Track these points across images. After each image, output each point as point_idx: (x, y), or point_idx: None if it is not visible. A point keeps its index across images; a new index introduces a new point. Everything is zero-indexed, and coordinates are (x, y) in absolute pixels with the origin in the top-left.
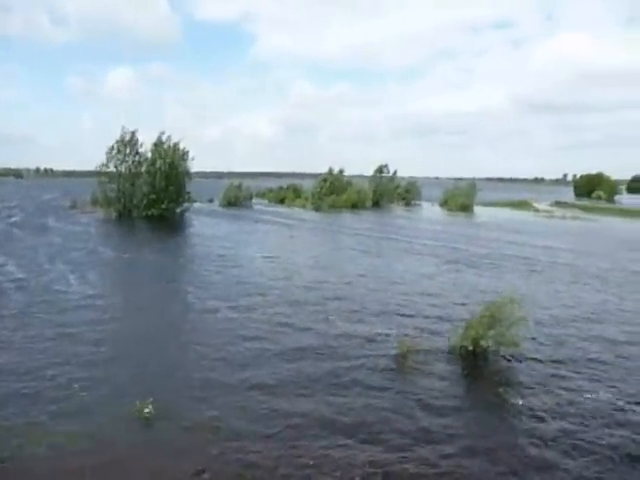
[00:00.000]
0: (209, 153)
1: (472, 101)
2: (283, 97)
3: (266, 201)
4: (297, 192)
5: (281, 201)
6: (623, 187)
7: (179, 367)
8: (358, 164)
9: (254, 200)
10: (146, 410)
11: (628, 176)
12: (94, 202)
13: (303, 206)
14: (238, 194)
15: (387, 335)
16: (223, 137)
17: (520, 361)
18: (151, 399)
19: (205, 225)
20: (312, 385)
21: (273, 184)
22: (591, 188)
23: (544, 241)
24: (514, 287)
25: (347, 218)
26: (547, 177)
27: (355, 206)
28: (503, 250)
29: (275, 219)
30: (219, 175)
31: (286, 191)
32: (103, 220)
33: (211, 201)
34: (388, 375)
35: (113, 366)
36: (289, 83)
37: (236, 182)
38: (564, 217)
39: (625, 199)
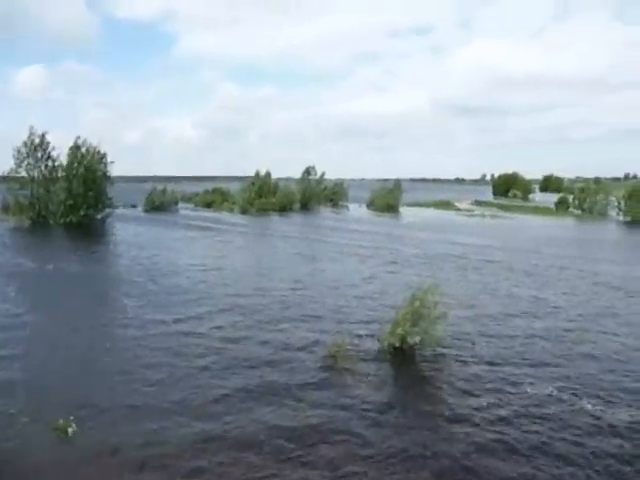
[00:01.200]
0: (131, 157)
1: (396, 104)
2: (208, 99)
3: (192, 205)
4: (224, 196)
5: (208, 205)
6: (536, 186)
7: (107, 387)
8: (286, 166)
9: (180, 205)
10: (69, 428)
11: (540, 175)
12: (5, 209)
13: (231, 210)
14: (163, 199)
15: (320, 339)
16: (145, 140)
17: (448, 356)
18: (72, 417)
19: (129, 232)
20: (243, 400)
21: (199, 188)
22: (508, 187)
23: (470, 239)
24: (448, 284)
25: (277, 221)
26: (467, 177)
27: (284, 209)
28: (434, 249)
29: (203, 224)
30: (142, 179)
31: (213, 195)
32: (15, 228)
33: (134, 206)
34: (317, 380)
35: (36, 385)
36: (214, 84)
37: (160, 186)
38: (484, 215)
39: (538, 197)
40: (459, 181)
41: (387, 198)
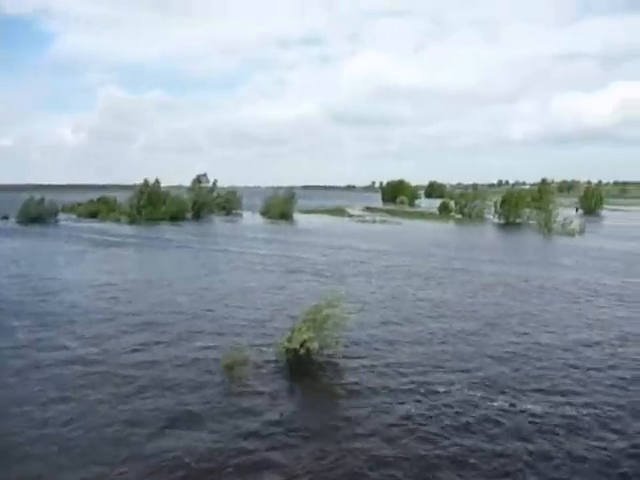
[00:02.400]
0: (2, 163)
1: (288, 112)
2: (91, 102)
3: (75, 216)
4: (111, 205)
5: (93, 215)
6: (422, 192)
7: None
8: (176, 174)
9: (61, 215)
10: None
11: (425, 182)
12: None
13: (118, 220)
14: (41, 209)
15: (219, 351)
16: (20, 145)
17: (348, 362)
18: None
19: (1, 247)
20: (135, 425)
21: (82, 197)
22: (395, 194)
23: (366, 244)
24: (349, 290)
25: (168, 231)
26: (358, 184)
27: (175, 218)
28: (333, 255)
29: (89, 236)
30: (17, 188)
31: (98, 204)
32: None
33: (6, 218)
34: (213, 391)
35: None
36: (97, 87)
37: (37, 195)
38: (374, 221)
39: (423, 203)
40: (350, 188)
41: (281, 206)
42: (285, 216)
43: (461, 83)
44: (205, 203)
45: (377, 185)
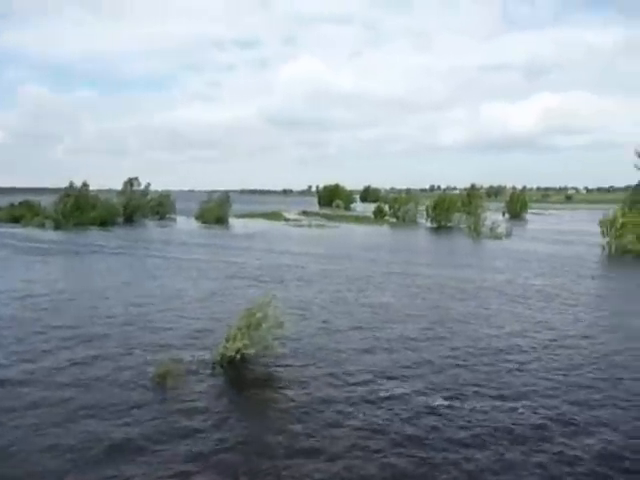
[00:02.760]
0: None
1: (224, 115)
2: (10, 101)
3: None
4: (34, 209)
5: (15, 220)
6: (357, 196)
7: None
8: (106, 177)
9: None
10: None
11: (361, 186)
12: None
13: (42, 225)
14: None
15: (154, 359)
16: None
17: (281, 365)
18: None
19: None
20: (64, 452)
21: (1, 201)
22: (332, 198)
23: (304, 248)
24: (288, 295)
25: (98, 237)
26: (295, 189)
27: (105, 223)
28: (271, 260)
29: (11, 242)
30: None
31: (20, 208)
32: None
33: None
34: (146, 407)
35: None
36: (17, 86)
37: None
38: (310, 225)
39: (359, 207)
40: (287, 192)
41: (216, 210)
42: (220, 220)
43: (395, 90)
44: (137, 207)
45: (314, 189)
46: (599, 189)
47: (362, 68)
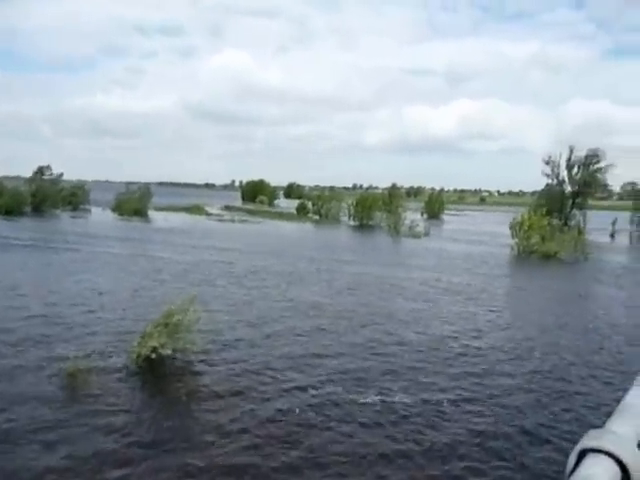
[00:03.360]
0: None
1: (145, 104)
2: None
3: None
4: None
5: None
6: (281, 193)
7: None
8: (13, 164)
9: None
10: None
11: (285, 183)
12: None
13: None
14: None
15: (65, 359)
16: None
17: (199, 363)
18: None
19: None
20: None
21: None
22: (255, 193)
23: (229, 244)
24: (215, 292)
25: (4, 227)
26: (218, 182)
27: (10, 212)
28: (197, 256)
29: None
30: None
31: None
32: None
33: None
34: (53, 398)
35: None
36: None
37: None
38: (233, 220)
39: (282, 203)
40: (209, 186)
41: (135, 202)
42: (139, 213)
43: (322, 87)
44: (47, 197)
45: (237, 184)
46: (510, 192)
47: (289, 64)
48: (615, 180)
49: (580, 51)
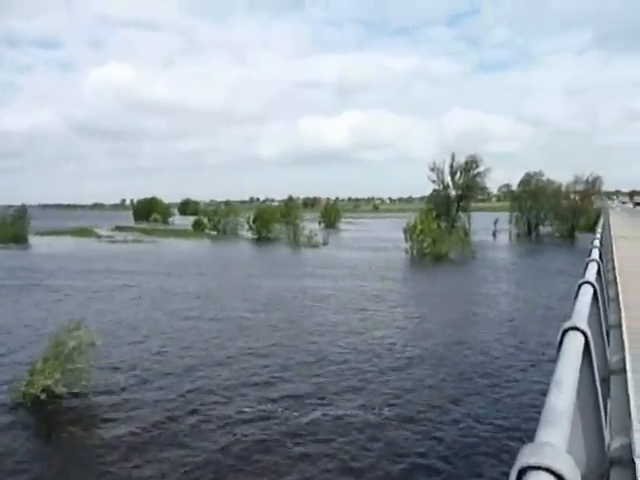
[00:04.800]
0: None
1: (23, 121)
2: None
3: None
4: None
5: None
6: (176, 210)
7: None
8: None
9: None
10: None
11: (179, 199)
12: None
13: None
14: None
15: None
16: None
17: (102, 398)
18: None
19: None
20: None
21: None
22: (148, 212)
23: (121, 266)
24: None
25: None
26: (107, 202)
27: None
28: (92, 281)
29: None
30: None
31: None
32: None
33: None
34: None
35: None
36: None
37: None
38: (126, 240)
39: (177, 220)
40: (98, 206)
41: (11, 227)
42: (18, 239)
43: (213, 101)
44: None
45: (128, 203)
46: (401, 199)
47: (178, 78)
48: (493, 183)
49: (456, 65)
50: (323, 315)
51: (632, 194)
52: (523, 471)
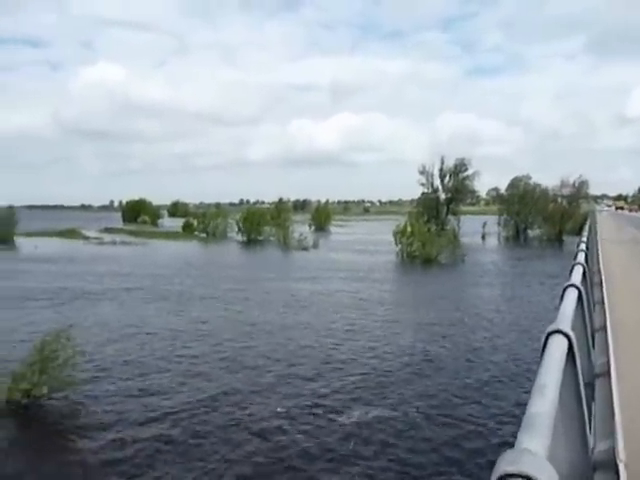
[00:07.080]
0: None
1: (10, 121)
2: None
3: None
4: None
5: None
6: (165, 212)
7: None
8: None
9: None
10: None
11: (169, 201)
12: None
13: None
14: None
15: None
16: None
17: (86, 402)
18: None
19: None
20: None
21: None
22: (137, 213)
23: (111, 268)
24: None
25: None
26: (95, 204)
27: None
28: (78, 284)
29: None
30: None
31: None
32: None
33: None
34: None
35: None
36: None
37: None
38: (115, 242)
39: (167, 222)
40: (86, 208)
41: None
42: (4, 240)
43: (204, 102)
44: None
45: (116, 204)
46: (390, 202)
47: (169, 79)
48: (482, 186)
49: (449, 69)
50: (309, 317)
51: (618, 199)
52: (502, 479)
